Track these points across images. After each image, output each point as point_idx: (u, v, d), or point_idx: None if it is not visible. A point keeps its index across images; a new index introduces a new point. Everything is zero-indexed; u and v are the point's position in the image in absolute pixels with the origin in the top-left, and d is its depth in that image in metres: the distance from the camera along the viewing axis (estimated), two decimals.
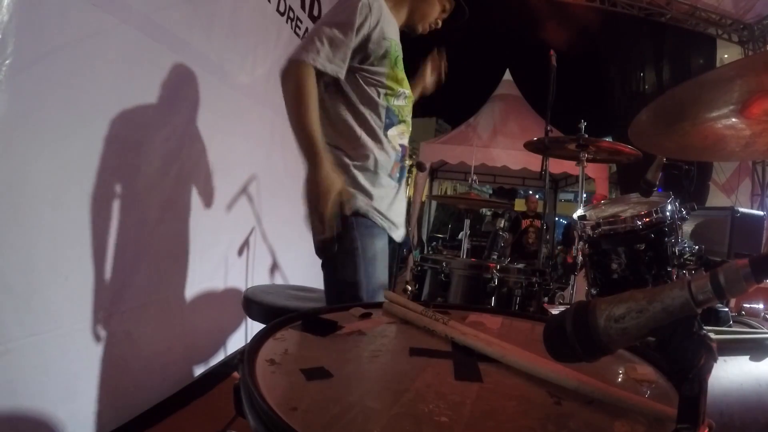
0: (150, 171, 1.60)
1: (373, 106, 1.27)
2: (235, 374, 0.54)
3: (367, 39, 1.22)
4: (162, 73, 1.63)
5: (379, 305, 0.87)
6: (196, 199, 1.89)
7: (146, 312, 1.64)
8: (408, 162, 1.44)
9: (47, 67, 1.16)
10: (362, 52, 1.23)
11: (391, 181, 1.32)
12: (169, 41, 1.64)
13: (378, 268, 1.26)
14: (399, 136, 1.34)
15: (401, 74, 1.32)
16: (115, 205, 1.42)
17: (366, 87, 1.26)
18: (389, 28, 1.28)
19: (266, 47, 2.38)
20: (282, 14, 2.58)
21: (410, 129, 1.40)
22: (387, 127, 1.29)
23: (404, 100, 1.34)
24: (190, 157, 1.84)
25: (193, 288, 1.93)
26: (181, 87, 1.71)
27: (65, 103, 1.23)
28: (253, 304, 1.61)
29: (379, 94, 1.27)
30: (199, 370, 2.05)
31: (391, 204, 1.32)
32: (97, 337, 1.41)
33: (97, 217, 1.36)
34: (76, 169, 1.29)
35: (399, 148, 1.33)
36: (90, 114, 1.32)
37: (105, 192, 1.39)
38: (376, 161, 1.27)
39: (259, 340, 0.64)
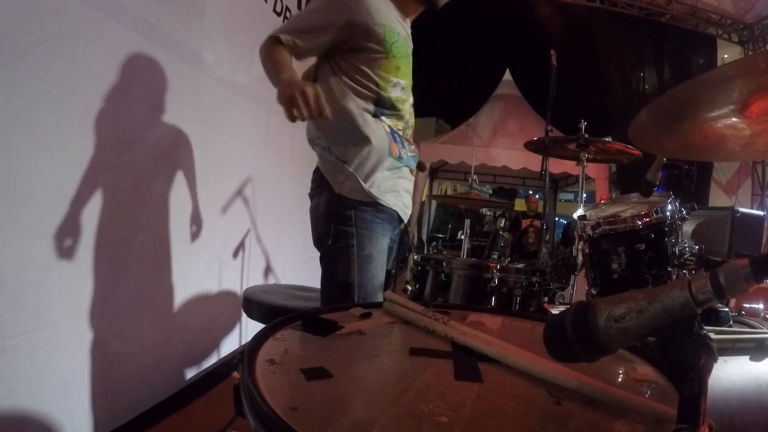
0: (143, 170, 1.60)
1: (356, 93, 1.21)
2: (235, 374, 0.54)
3: (349, 24, 1.18)
4: (157, 74, 1.63)
5: (379, 305, 0.87)
6: (188, 199, 1.89)
7: (139, 311, 1.64)
8: (411, 149, 1.36)
9: (42, 69, 1.17)
10: (347, 38, 1.19)
11: (391, 159, 1.26)
12: (164, 42, 1.64)
13: (374, 268, 1.23)
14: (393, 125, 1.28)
15: (399, 62, 1.25)
16: (108, 204, 1.42)
17: (353, 73, 1.21)
18: (381, 15, 1.22)
19: None
20: (279, 14, 2.58)
21: (410, 123, 1.34)
22: (376, 116, 1.24)
23: (401, 91, 1.27)
24: (184, 156, 1.84)
25: (186, 288, 1.93)
26: (175, 88, 1.71)
27: (60, 104, 1.23)
28: (252, 304, 1.61)
29: (366, 82, 1.21)
30: (192, 372, 2.05)
31: (394, 184, 1.28)
32: (91, 335, 1.41)
33: (89, 215, 1.36)
34: (70, 168, 1.29)
35: (388, 130, 1.26)
36: (84, 114, 1.32)
37: (98, 191, 1.39)
38: (369, 144, 1.21)
39: (259, 340, 0.63)
